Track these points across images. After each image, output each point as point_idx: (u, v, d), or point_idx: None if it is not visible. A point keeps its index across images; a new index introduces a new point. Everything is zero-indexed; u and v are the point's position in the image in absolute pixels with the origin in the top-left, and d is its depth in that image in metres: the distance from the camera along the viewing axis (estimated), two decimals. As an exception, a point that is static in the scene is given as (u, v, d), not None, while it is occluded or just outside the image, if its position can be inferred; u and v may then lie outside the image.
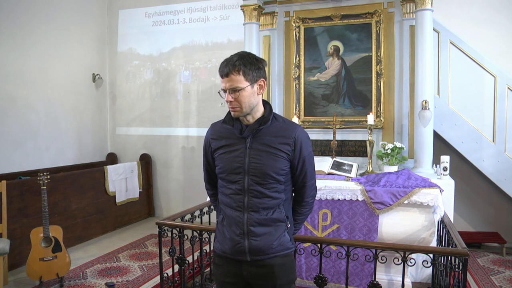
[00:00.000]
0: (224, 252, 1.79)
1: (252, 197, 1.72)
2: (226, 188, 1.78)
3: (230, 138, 1.77)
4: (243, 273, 1.76)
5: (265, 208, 1.72)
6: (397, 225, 3.10)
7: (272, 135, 1.74)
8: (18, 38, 5.00)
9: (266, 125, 1.74)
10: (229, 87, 1.68)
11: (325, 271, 3.05)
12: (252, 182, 1.71)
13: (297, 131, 1.75)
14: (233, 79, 1.66)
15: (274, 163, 1.71)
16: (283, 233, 1.77)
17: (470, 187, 4.79)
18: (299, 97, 4.54)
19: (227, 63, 1.68)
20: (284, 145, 1.73)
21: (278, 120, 1.79)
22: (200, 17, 6.03)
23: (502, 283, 3.70)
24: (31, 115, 5.19)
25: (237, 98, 1.68)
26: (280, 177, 1.74)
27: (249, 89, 1.69)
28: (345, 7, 4.33)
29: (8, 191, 3.84)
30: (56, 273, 3.53)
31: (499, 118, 4.26)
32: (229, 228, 1.76)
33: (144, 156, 6.25)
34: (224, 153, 1.77)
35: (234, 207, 1.75)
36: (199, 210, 3.48)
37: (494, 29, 4.62)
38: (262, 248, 1.72)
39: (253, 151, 1.72)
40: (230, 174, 1.75)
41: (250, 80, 1.69)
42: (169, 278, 3.06)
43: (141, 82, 6.40)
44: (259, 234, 1.72)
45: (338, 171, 3.60)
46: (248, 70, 1.68)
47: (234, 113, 1.73)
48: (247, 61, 1.69)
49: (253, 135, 1.73)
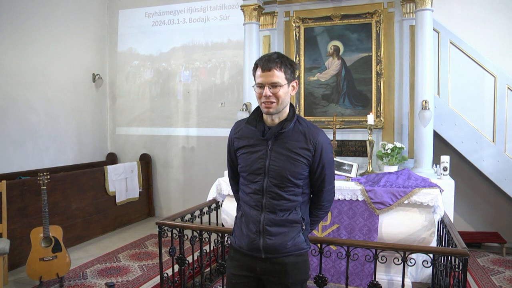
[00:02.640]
0: (240, 247, 1.83)
1: (270, 198, 1.75)
2: (246, 187, 1.82)
3: (253, 138, 1.80)
4: (257, 268, 1.80)
5: (282, 209, 1.76)
6: (397, 225, 3.10)
7: (294, 139, 1.75)
8: (18, 38, 5.00)
9: (288, 128, 1.75)
10: (269, 81, 1.69)
11: (325, 271, 3.05)
12: (270, 184, 1.74)
13: (319, 137, 1.77)
14: (276, 75, 1.69)
15: (293, 168, 1.73)
16: (298, 234, 1.80)
17: (470, 187, 4.79)
18: (299, 97, 4.54)
19: (270, 58, 1.70)
20: (304, 150, 1.74)
21: (301, 123, 1.80)
22: (200, 17, 6.03)
23: (502, 283, 3.70)
24: (31, 115, 5.19)
25: (275, 93, 1.70)
26: (299, 181, 1.76)
27: (286, 87, 1.73)
28: (345, 7, 4.33)
29: (8, 191, 3.84)
30: (56, 273, 3.53)
31: (499, 118, 4.26)
32: (247, 225, 1.80)
33: (144, 156, 6.25)
34: (246, 153, 1.81)
35: (252, 206, 1.79)
36: (199, 210, 3.48)
37: (494, 29, 4.62)
38: (277, 247, 1.76)
39: (274, 154, 1.74)
40: (250, 174, 1.79)
41: (288, 79, 1.72)
42: (169, 278, 3.06)
43: (141, 82, 6.40)
44: (274, 233, 1.75)
45: (338, 171, 3.60)
46: (287, 69, 1.72)
47: (268, 109, 1.72)
48: (286, 60, 1.73)
49: (275, 138, 1.75)
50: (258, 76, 1.72)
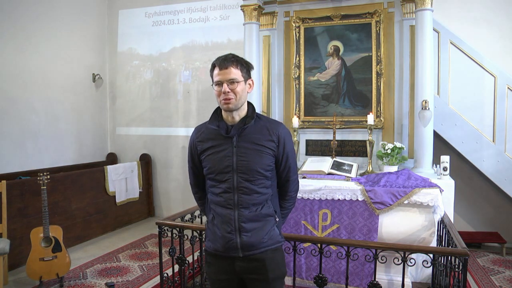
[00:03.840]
0: (216, 250, 1.85)
1: (242, 194, 1.79)
2: (216, 188, 1.84)
3: (216, 139, 1.85)
4: (236, 268, 1.82)
5: (254, 204, 1.80)
6: (397, 225, 3.10)
7: (257, 133, 1.83)
8: (18, 38, 5.00)
9: (250, 123, 1.83)
10: (227, 78, 1.77)
11: (325, 271, 3.05)
12: (241, 179, 1.79)
13: (280, 128, 1.86)
14: (233, 72, 1.78)
15: (260, 160, 1.80)
16: (273, 227, 1.86)
17: (470, 187, 4.79)
18: (299, 97, 4.54)
19: (226, 58, 1.80)
20: (269, 142, 1.82)
21: (262, 118, 1.90)
22: (200, 17, 6.03)
23: (502, 283, 3.70)
24: (31, 115, 5.19)
25: (234, 89, 1.78)
26: (267, 173, 1.83)
27: (243, 84, 1.81)
28: (345, 7, 4.33)
29: (8, 191, 3.85)
30: (56, 273, 3.53)
31: (499, 118, 4.25)
32: (220, 226, 1.82)
33: (144, 156, 6.25)
34: (212, 154, 1.84)
35: (224, 205, 1.82)
36: (199, 210, 3.48)
37: (494, 29, 4.62)
38: (254, 243, 1.80)
39: (240, 150, 1.80)
40: (219, 173, 1.82)
41: (244, 77, 1.82)
42: (169, 278, 3.06)
43: (141, 82, 6.40)
44: (250, 229, 1.79)
45: (338, 171, 3.60)
46: (243, 67, 1.82)
47: (228, 105, 1.79)
48: (241, 59, 1.84)
49: (239, 134, 1.81)
50: (216, 75, 1.80)
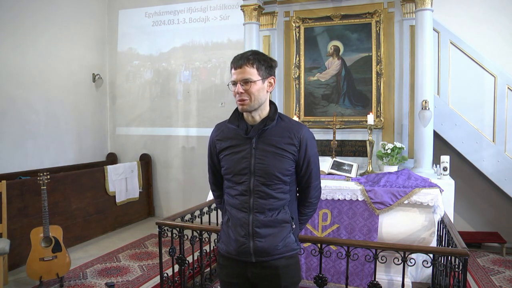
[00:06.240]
0: (228, 253, 1.78)
1: (258, 198, 1.71)
2: (232, 189, 1.77)
3: (236, 138, 1.77)
4: (248, 274, 1.75)
5: (270, 209, 1.71)
6: (397, 225, 3.10)
7: (278, 135, 1.73)
8: (18, 38, 5.00)
9: (271, 125, 1.73)
10: (241, 78, 1.68)
11: (325, 271, 3.05)
12: (257, 183, 1.70)
13: (303, 131, 1.75)
14: (246, 71, 1.68)
15: (279, 164, 1.70)
16: (288, 234, 1.76)
17: (470, 187, 4.79)
18: (299, 97, 4.54)
19: (242, 56, 1.70)
20: (289, 145, 1.72)
21: (284, 120, 1.78)
22: (200, 17, 6.03)
23: (502, 283, 3.70)
24: (31, 115, 5.19)
25: (247, 90, 1.68)
26: (286, 178, 1.73)
27: (260, 84, 1.70)
28: (345, 7, 4.33)
29: (8, 191, 3.84)
30: (56, 273, 3.53)
31: (499, 118, 4.25)
32: (234, 229, 1.75)
33: (144, 156, 6.25)
34: (230, 154, 1.77)
35: (239, 208, 1.74)
36: (199, 210, 3.48)
37: (494, 29, 4.61)
38: (267, 249, 1.71)
39: (259, 152, 1.71)
40: (236, 175, 1.74)
41: (262, 75, 1.71)
42: (169, 278, 3.06)
43: (141, 82, 6.40)
44: (264, 235, 1.71)
45: (338, 171, 3.60)
46: (261, 65, 1.70)
47: (242, 106, 1.71)
48: (260, 57, 1.72)
49: (259, 135, 1.73)
50: (232, 74, 1.72)
